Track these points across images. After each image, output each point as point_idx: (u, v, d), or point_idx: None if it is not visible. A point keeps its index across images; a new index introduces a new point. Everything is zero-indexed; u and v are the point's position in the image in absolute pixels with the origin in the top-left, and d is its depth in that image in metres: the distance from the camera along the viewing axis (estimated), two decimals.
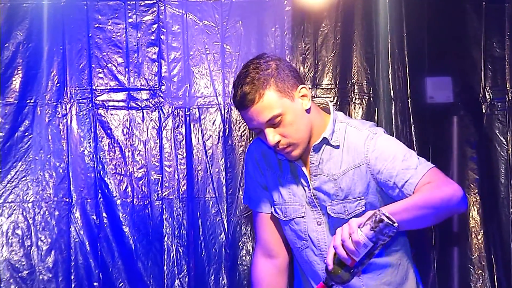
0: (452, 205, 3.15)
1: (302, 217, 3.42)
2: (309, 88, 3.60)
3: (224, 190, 4.80)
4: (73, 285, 4.66)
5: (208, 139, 4.79)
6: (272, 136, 3.25)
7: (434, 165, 3.30)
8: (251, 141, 4.07)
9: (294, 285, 3.72)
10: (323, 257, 3.40)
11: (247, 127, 4.83)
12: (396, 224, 2.76)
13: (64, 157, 4.69)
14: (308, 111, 3.30)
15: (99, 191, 4.72)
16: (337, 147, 3.32)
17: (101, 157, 4.75)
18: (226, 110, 4.83)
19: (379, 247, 2.82)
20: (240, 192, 4.81)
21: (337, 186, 3.31)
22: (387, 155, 3.26)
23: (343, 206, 3.34)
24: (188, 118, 4.80)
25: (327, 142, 3.32)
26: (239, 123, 4.87)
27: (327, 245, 3.40)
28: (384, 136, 3.36)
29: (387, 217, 2.75)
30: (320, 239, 3.41)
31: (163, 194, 4.74)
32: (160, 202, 4.73)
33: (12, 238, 4.63)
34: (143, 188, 4.76)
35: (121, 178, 4.75)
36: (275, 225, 3.55)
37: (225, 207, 4.78)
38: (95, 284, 4.67)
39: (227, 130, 4.83)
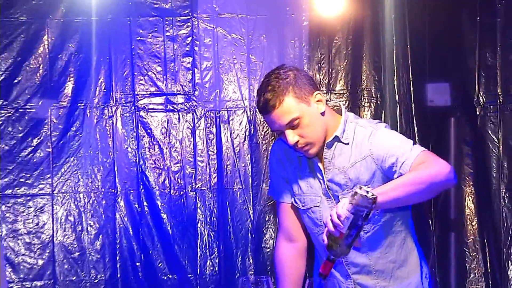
0: (440, 179, 3.26)
1: (318, 206, 3.49)
2: (324, 93, 3.55)
3: (250, 182, 4.89)
4: (118, 265, 4.78)
5: (236, 137, 4.90)
6: (291, 136, 3.35)
7: (425, 149, 3.43)
8: (274, 140, 4.08)
9: (314, 266, 3.77)
10: None
11: (269, 128, 4.95)
12: (371, 195, 2.87)
13: (110, 154, 4.82)
14: (323, 114, 3.39)
15: (141, 183, 4.84)
16: (347, 143, 3.42)
17: (142, 154, 4.86)
18: (251, 113, 4.91)
19: (362, 218, 2.94)
20: (264, 184, 4.88)
21: (347, 177, 3.40)
22: (386, 144, 3.36)
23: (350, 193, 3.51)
24: (218, 119, 4.91)
25: (338, 139, 3.40)
26: (263, 124, 4.96)
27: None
28: (384, 130, 3.46)
29: (361, 190, 2.87)
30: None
31: (197, 186, 4.86)
32: (194, 192, 4.84)
33: (65, 224, 4.76)
34: (179, 180, 4.87)
35: (159, 172, 4.86)
36: (295, 214, 3.61)
37: (251, 197, 4.87)
38: (137, 264, 4.80)
39: (252, 130, 4.92)
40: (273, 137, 4.90)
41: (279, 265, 3.69)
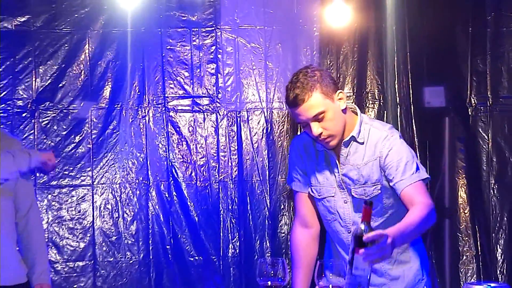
0: (426, 228, 3.35)
1: (333, 196, 3.51)
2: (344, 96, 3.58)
3: (267, 175, 4.98)
4: (150, 248, 4.91)
5: (254, 135, 5.01)
6: (316, 128, 3.35)
7: (424, 177, 3.42)
8: (294, 137, 4.14)
9: (325, 249, 3.77)
10: (348, 228, 3.53)
11: (285, 126, 5.03)
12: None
13: (143, 149, 4.92)
14: (343, 111, 3.41)
15: (170, 175, 4.93)
16: (362, 143, 3.44)
17: (172, 149, 4.97)
18: (268, 113, 5.01)
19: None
20: (279, 176, 4.97)
21: (360, 173, 3.43)
22: (395, 156, 3.38)
23: (363, 189, 3.46)
24: (238, 119, 5.01)
25: (354, 139, 3.43)
26: (278, 123, 5.05)
27: (351, 219, 3.53)
28: (398, 140, 3.45)
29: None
30: (346, 214, 3.51)
31: (220, 178, 4.96)
32: (217, 184, 4.95)
33: (104, 211, 4.87)
34: (204, 173, 4.98)
35: (187, 165, 4.97)
36: (311, 202, 3.62)
37: (268, 188, 4.97)
38: (167, 247, 4.92)
39: (269, 128, 5.02)
40: (287, 135, 5.03)
41: (295, 249, 3.71)
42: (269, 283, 3.07)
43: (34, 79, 4.88)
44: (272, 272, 3.08)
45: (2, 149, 3.95)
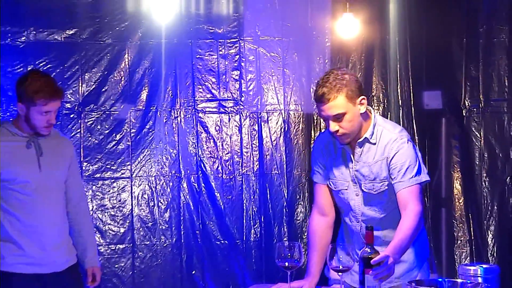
0: (416, 235, 3.42)
1: (346, 189, 3.57)
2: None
3: (285, 168, 5.05)
4: (182, 233, 5.00)
5: (273, 134, 5.07)
6: (333, 126, 3.39)
7: (423, 181, 3.47)
8: (317, 135, 4.20)
9: (338, 234, 3.78)
10: (357, 218, 3.59)
11: (300, 126, 5.08)
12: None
13: (175, 146, 5.00)
14: (362, 114, 3.44)
15: (199, 169, 5.02)
16: (374, 143, 3.49)
17: (200, 146, 5.04)
18: (285, 114, 5.06)
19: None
20: (295, 170, 5.03)
21: (370, 170, 3.48)
22: (400, 158, 3.44)
23: (372, 185, 3.52)
24: (259, 119, 5.08)
25: (367, 140, 3.48)
26: (294, 123, 5.09)
27: (360, 210, 3.59)
28: (406, 144, 3.49)
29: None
30: (356, 205, 3.58)
31: (243, 171, 5.05)
32: (241, 177, 5.03)
33: (141, 201, 4.97)
34: (229, 167, 5.05)
35: (214, 160, 5.06)
36: (329, 193, 3.65)
37: (285, 180, 5.04)
38: (197, 232, 5.01)
39: (286, 128, 5.07)
40: (302, 133, 5.08)
41: (312, 234, 3.71)
42: (287, 264, 3.18)
43: (80, 84, 4.95)
44: (289, 254, 3.18)
45: (54, 146, 3.88)
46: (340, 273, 3.28)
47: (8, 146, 3.77)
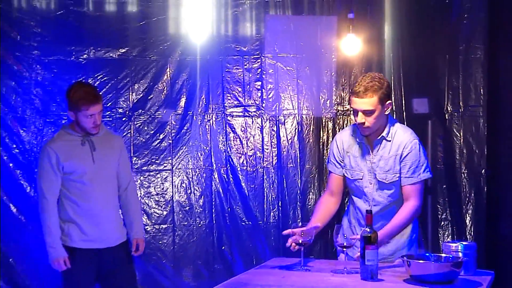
0: (411, 221, 3.63)
1: (361, 178, 3.67)
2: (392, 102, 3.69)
3: (298, 162, 5.07)
4: (213, 215, 5.09)
5: (289, 134, 5.10)
6: (360, 118, 3.50)
7: (426, 178, 3.59)
8: (337, 133, 4.21)
9: (343, 216, 3.90)
10: (368, 202, 3.67)
11: (311, 127, 5.08)
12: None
13: (208, 144, 5.08)
14: (386, 116, 3.57)
15: (228, 163, 5.08)
16: (389, 141, 3.59)
17: (229, 144, 5.12)
18: (299, 118, 5.08)
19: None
20: (307, 164, 5.03)
21: (385, 163, 3.59)
22: (411, 157, 3.56)
23: (386, 175, 3.63)
24: (277, 122, 5.11)
25: (384, 138, 3.58)
26: (306, 125, 5.09)
27: (372, 195, 3.67)
28: (418, 146, 3.59)
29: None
30: (368, 192, 3.67)
31: (264, 165, 5.09)
32: (262, 169, 5.08)
33: (180, 189, 5.06)
34: (252, 161, 5.10)
35: (240, 156, 5.12)
36: (340, 182, 3.76)
37: (299, 172, 5.06)
38: (226, 215, 5.09)
39: (299, 129, 5.10)
40: (313, 134, 5.06)
41: (318, 205, 3.83)
42: (300, 241, 3.42)
43: (130, 93, 5.05)
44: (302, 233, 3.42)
45: (105, 142, 4.03)
46: (344, 249, 3.43)
47: (66, 145, 3.95)
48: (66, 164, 3.92)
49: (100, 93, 4.27)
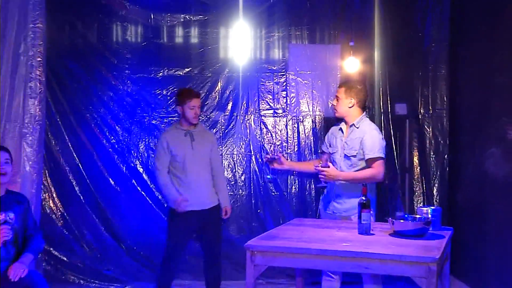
0: (371, 181, 3.63)
1: (335, 152, 3.82)
2: (359, 105, 3.79)
3: (313, 150, 5.18)
4: (252, 187, 5.22)
5: (306, 129, 5.22)
6: (334, 100, 3.77)
7: (382, 156, 3.59)
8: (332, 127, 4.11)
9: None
10: (337, 168, 3.70)
11: (322, 125, 5.12)
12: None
13: (248, 136, 5.21)
14: (350, 107, 3.69)
15: (262, 150, 5.20)
16: (358, 128, 3.72)
17: (262, 136, 5.24)
18: (313, 117, 5.20)
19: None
20: (319, 150, 4.97)
21: (351, 143, 3.69)
22: (370, 140, 3.64)
23: (349, 151, 3.73)
24: (298, 121, 5.23)
25: (354, 125, 3.72)
26: (319, 123, 5.18)
27: (340, 165, 3.73)
28: (374, 131, 3.70)
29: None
30: (338, 163, 3.78)
31: (288, 151, 5.19)
32: (287, 155, 5.15)
33: (227, 169, 5.18)
34: (279, 149, 5.19)
35: (270, 145, 5.24)
36: (327, 157, 3.74)
37: (314, 157, 5.08)
38: (260, 187, 5.19)
39: (313, 126, 5.20)
40: (323, 130, 5.07)
41: (305, 161, 4.14)
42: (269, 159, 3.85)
43: None
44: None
45: (201, 135, 4.18)
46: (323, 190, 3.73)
47: (174, 135, 4.21)
48: (173, 148, 4.14)
49: (173, 100, 4.49)
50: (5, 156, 3.32)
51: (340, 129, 3.79)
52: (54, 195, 5.12)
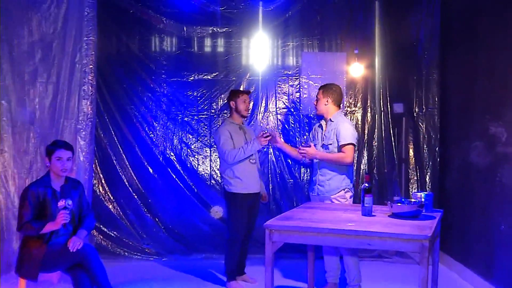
0: (341, 163, 3.66)
1: (317, 143, 3.88)
2: (335, 103, 3.81)
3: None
4: (269, 175, 5.25)
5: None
6: (315, 101, 3.82)
7: (352, 142, 3.63)
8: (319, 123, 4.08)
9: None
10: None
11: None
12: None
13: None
14: (326, 105, 3.75)
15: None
16: (333, 121, 3.78)
17: (279, 130, 5.25)
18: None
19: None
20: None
21: (328, 134, 3.77)
22: (342, 128, 3.70)
23: (327, 141, 3.81)
24: (309, 118, 5.27)
25: (330, 120, 3.78)
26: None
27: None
28: (346, 123, 3.73)
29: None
30: (319, 149, 3.84)
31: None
32: (299, 144, 4.91)
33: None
34: (293, 139, 5.22)
35: (286, 137, 5.23)
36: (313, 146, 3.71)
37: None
38: (277, 175, 5.24)
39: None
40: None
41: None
42: (267, 134, 3.80)
43: (219, 100, 5.28)
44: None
45: (248, 130, 4.24)
46: (303, 155, 3.66)
47: (232, 128, 4.23)
48: (234, 139, 4.16)
49: (202, 100, 4.61)
50: (68, 155, 3.38)
51: (320, 125, 3.88)
52: (103, 181, 5.20)
